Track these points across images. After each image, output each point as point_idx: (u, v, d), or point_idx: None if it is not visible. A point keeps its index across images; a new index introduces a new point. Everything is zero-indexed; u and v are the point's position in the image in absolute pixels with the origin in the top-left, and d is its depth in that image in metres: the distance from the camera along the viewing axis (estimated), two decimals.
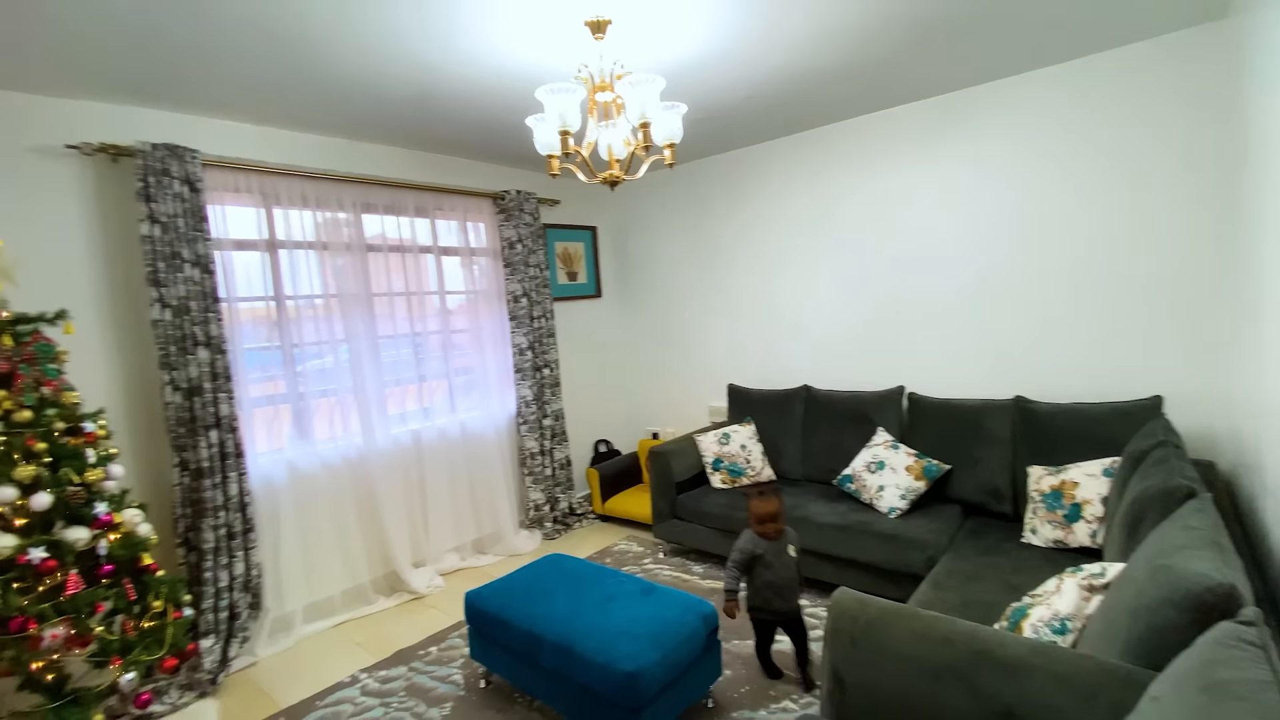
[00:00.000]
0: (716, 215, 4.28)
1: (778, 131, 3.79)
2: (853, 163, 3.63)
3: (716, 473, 3.66)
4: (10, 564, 1.83)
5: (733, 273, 4.26)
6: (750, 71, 2.78)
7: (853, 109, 3.44)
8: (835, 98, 3.22)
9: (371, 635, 3.01)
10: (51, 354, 2.06)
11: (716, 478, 3.65)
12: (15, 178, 2.39)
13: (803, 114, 3.47)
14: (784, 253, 3.99)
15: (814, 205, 3.82)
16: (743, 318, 4.24)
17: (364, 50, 2.32)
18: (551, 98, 2.03)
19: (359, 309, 3.33)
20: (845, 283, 3.75)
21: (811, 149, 3.79)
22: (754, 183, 4.07)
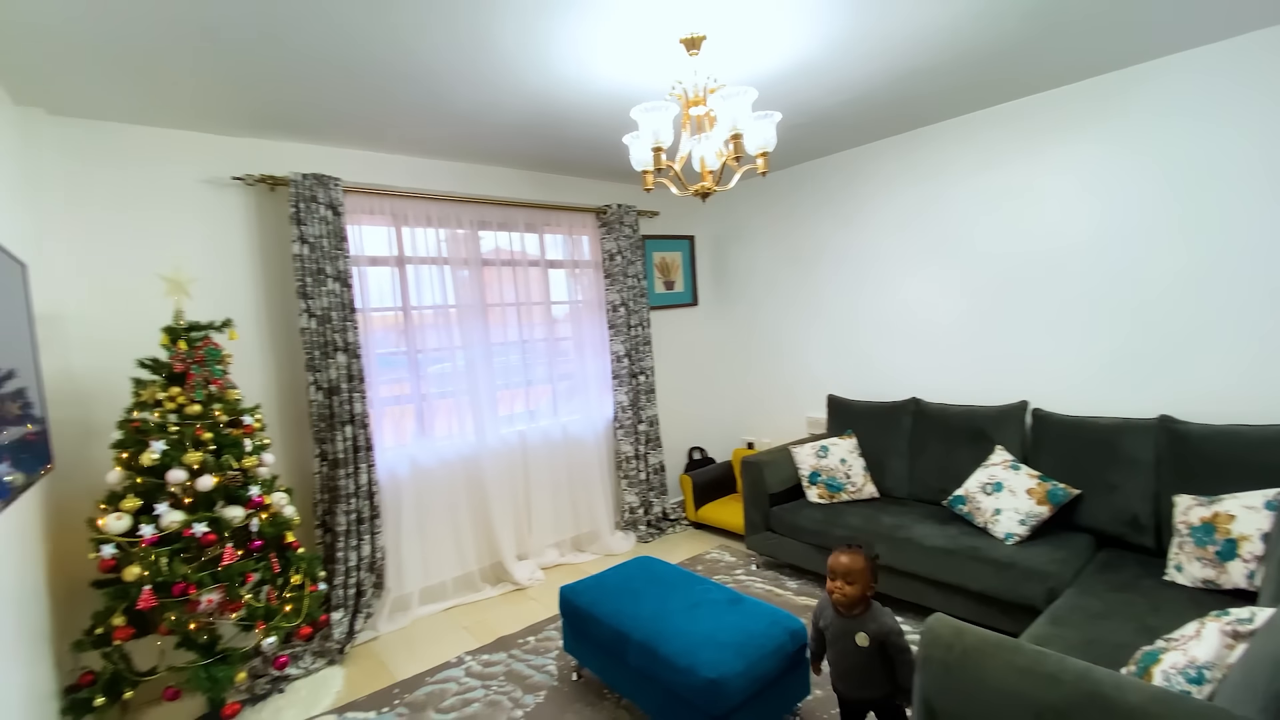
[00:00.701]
0: (816, 220, 4.18)
1: (881, 133, 3.64)
2: (966, 161, 3.41)
3: (813, 486, 3.55)
4: (177, 536, 2.16)
5: (833, 279, 4.13)
6: (850, 75, 2.71)
7: (965, 105, 3.23)
8: (944, 95, 3.05)
9: (477, 621, 3.22)
10: (218, 357, 2.42)
11: (813, 491, 3.54)
12: (192, 206, 2.84)
13: (909, 114, 3.31)
14: (889, 257, 3.81)
15: (922, 206, 3.62)
16: (844, 326, 4.10)
17: (479, 84, 2.53)
18: (645, 116, 2.11)
19: (475, 318, 3.60)
20: (959, 288, 3.52)
21: (920, 148, 3.60)
22: (856, 186, 3.93)
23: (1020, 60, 2.68)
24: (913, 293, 3.73)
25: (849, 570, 1.79)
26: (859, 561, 1.80)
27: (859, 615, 1.80)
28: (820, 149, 3.91)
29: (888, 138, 3.73)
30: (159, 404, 2.30)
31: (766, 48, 2.40)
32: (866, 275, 3.94)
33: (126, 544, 2.14)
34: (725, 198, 4.76)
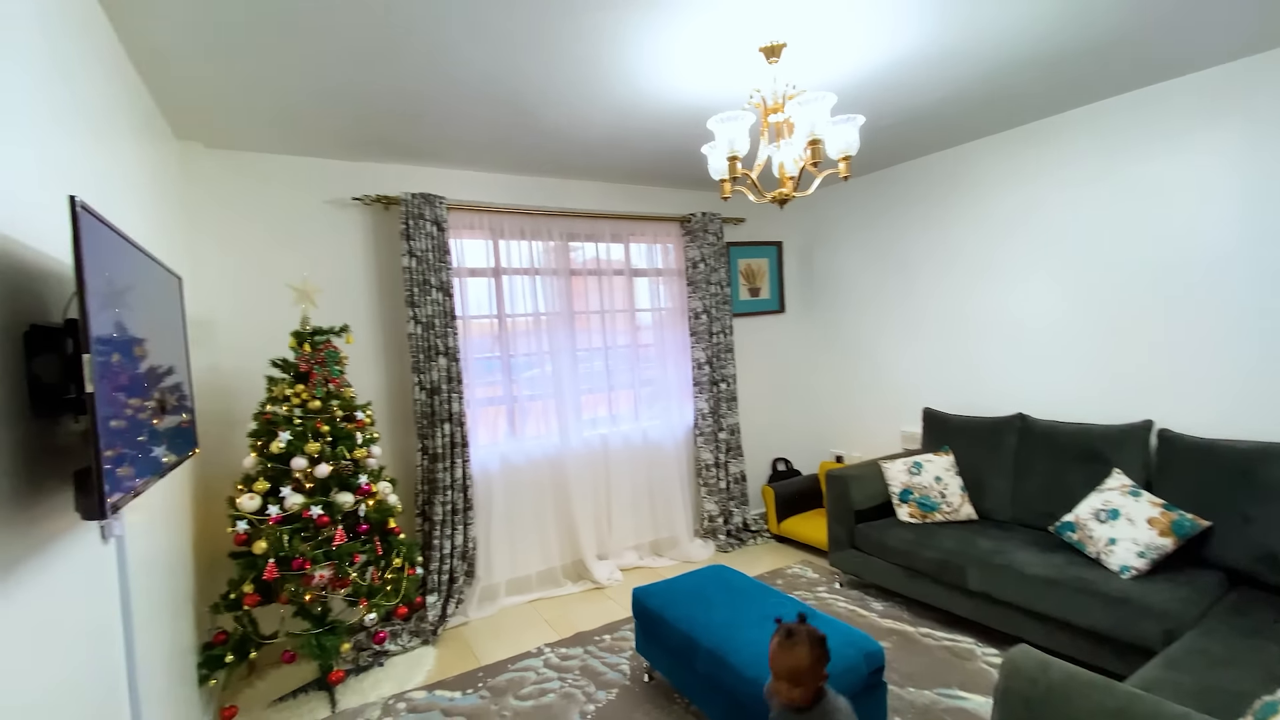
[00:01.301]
0: (911, 224, 3.99)
1: (983, 130, 3.42)
2: (1082, 157, 3.13)
3: (904, 504, 3.38)
4: (298, 517, 2.43)
5: (931, 285, 3.92)
6: (945, 73, 2.59)
7: (1085, 96, 2.98)
8: (1062, 87, 2.83)
9: (558, 615, 3.35)
10: (336, 358, 2.70)
11: (904, 510, 3.37)
12: (317, 224, 3.19)
13: (1015, 109, 3.10)
14: (994, 262, 3.57)
15: (1031, 207, 3.37)
16: (943, 335, 3.88)
17: (568, 103, 2.67)
18: (721, 126, 2.13)
19: (563, 325, 3.77)
20: (1072, 294, 3.23)
21: (1027, 145, 3.35)
22: (955, 186, 3.71)
23: (1152, 44, 2.44)
24: (1019, 300, 3.47)
25: (795, 672, 1.45)
26: (804, 657, 1.45)
27: (809, 712, 1.48)
28: (913, 150, 3.74)
29: (991, 135, 3.50)
30: (286, 399, 2.60)
31: (849, 51, 2.35)
32: (968, 281, 3.71)
33: (256, 521, 2.44)
34: (814, 203, 4.65)
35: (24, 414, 1.14)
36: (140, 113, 2.21)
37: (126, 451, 1.17)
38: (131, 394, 1.23)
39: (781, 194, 2.28)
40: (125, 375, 1.20)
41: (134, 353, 1.27)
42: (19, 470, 1.12)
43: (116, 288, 1.19)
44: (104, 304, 1.12)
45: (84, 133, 1.57)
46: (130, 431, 1.20)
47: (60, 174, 1.38)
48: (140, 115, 2.21)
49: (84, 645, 1.31)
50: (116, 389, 1.14)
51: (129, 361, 1.22)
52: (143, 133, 2.22)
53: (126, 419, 1.20)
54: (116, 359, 1.15)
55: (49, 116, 1.34)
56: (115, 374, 1.14)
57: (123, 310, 1.22)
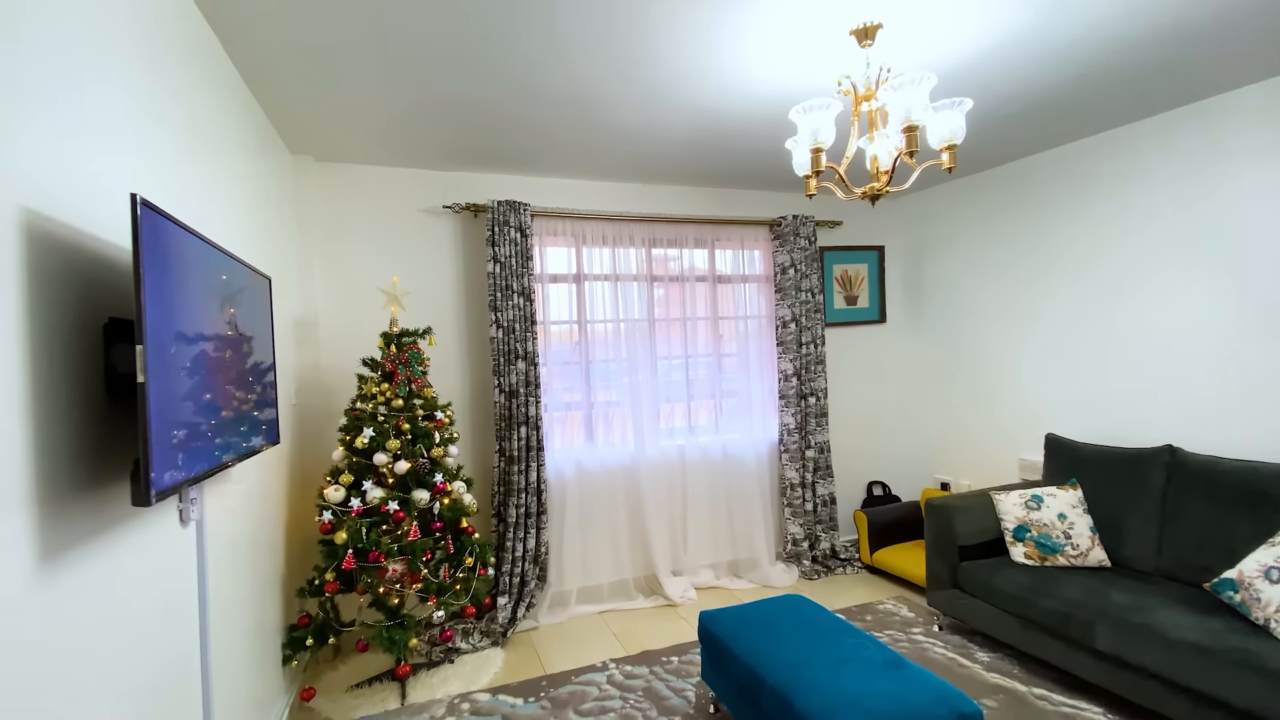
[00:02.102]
0: (1039, 224, 3.54)
1: (1129, 115, 2.96)
2: (1260, 145, 2.61)
3: (1019, 543, 2.98)
4: (376, 510, 2.52)
5: (1060, 294, 3.45)
6: (1077, 48, 2.25)
7: (1260, 68, 2.49)
8: (1230, 57, 2.38)
9: (627, 629, 3.26)
10: (419, 359, 2.79)
11: (1018, 549, 2.97)
12: (412, 231, 3.34)
13: (1171, 87, 2.65)
14: (1139, 267, 3.08)
15: (1188, 203, 2.86)
16: (1073, 351, 3.40)
17: (644, 104, 2.60)
18: (804, 117, 1.97)
19: (643, 332, 3.71)
20: (1242, 307, 2.70)
21: (1186, 129, 2.85)
22: (1093, 181, 3.25)
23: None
24: (1171, 311, 2.96)
25: None
26: None
27: None
28: (1041, 141, 3.31)
29: (1140, 120, 3.03)
30: (372, 397, 2.72)
31: (955, 30, 2.10)
32: (1107, 290, 3.23)
33: (340, 512, 2.55)
34: (923, 203, 4.28)
35: (102, 400, 1.22)
36: (254, 129, 2.40)
37: (185, 442, 1.22)
38: (196, 387, 1.28)
39: (873, 189, 2.06)
40: (188, 368, 1.24)
41: (202, 347, 1.32)
42: (99, 452, 1.20)
43: (184, 284, 1.24)
44: (168, 299, 1.16)
45: (195, 147, 1.70)
46: (190, 422, 1.24)
47: (166, 184, 1.49)
48: (254, 131, 2.39)
49: (157, 619, 1.38)
50: (177, 381, 1.19)
51: (193, 355, 1.27)
52: (255, 147, 2.40)
53: (189, 411, 1.24)
54: (177, 351, 1.19)
55: (154, 129, 1.45)
56: (175, 367, 1.18)
57: (192, 305, 1.28)
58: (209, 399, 1.36)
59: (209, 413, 1.36)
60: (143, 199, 1.07)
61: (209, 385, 1.36)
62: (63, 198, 1.11)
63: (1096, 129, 3.13)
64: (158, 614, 1.41)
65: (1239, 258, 2.71)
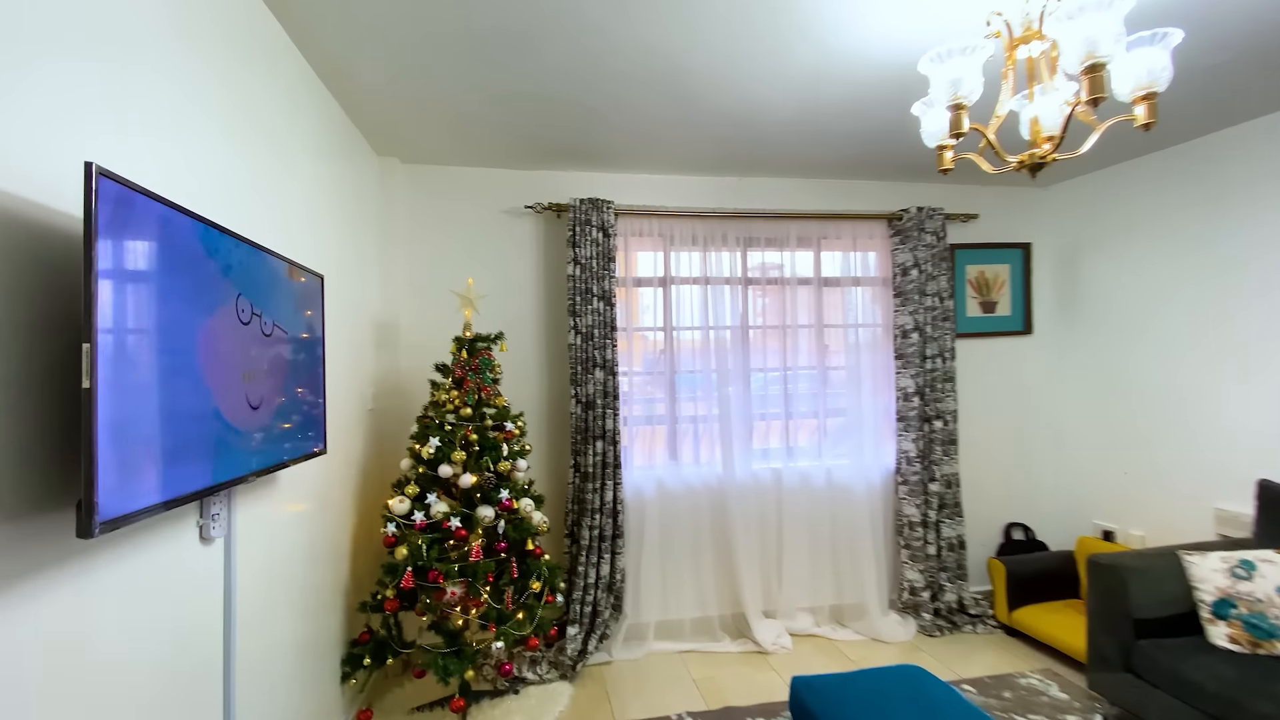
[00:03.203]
0: (1251, 215, 2.77)
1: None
2: None
3: (1221, 622, 2.28)
4: (439, 526, 2.34)
5: (1273, 303, 2.67)
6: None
7: None
8: None
9: (709, 676, 2.89)
10: (490, 366, 2.61)
11: (1219, 630, 2.27)
12: (493, 233, 3.20)
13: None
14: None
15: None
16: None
17: (735, 80, 2.27)
18: (939, 66, 1.54)
19: (736, 341, 3.34)
20: None
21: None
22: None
23: None
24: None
25: None
26: None
27: None
28: (1258, 104, 2.57)
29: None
30: (442, 405, 2.57)
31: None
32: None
33: (404, 525, 2.41)
34: (1086, 190, 3.55)
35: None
36: (331, 129, 2.33)
37: (169, 455, 1.04)
38: (184, 391, 1.10)
39: (1034, 156, 1.58)
40: (172, 369, 1.07)
41: (199, 345, 1.15)
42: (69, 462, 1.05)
43: (170, 272, 1.07)
44: (140, 287, 0.99)
45: (252, 145, 1.60)
46: (175, 433, 1.07)
47: (205, 179, 1.37)
48: (331, 131, 2.33)
49: (161, 645, 1.23)
50: (149, 384, 1.01)
51: (181, 355, 1.10)
52: (331, 147, 2.34)
53: (176, 418, 1.07)
54: (152, 349, 1.01)
55: (201, 123, 1.34)
56: (147, 366, 1.00)
57: (182, 297, 1.11)
58: (216, 403, 1.20)
59: (208, 421, 1.18)
60: (100, 168, 0.89)
61: (211, 388, 1.19)
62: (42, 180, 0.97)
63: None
64: (163, 640, 1.26)
65: None
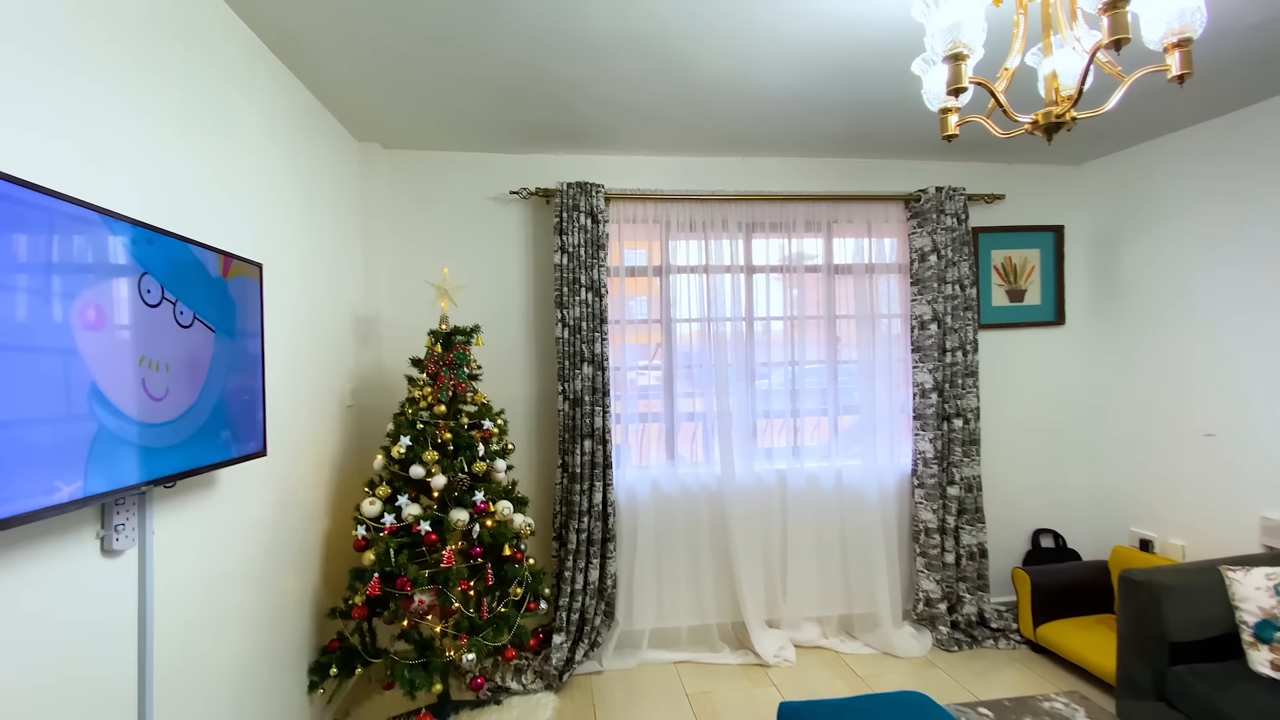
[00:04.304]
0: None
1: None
2: None
3: (1264, 646, 2.03)
4: (408, 530, 2.21)
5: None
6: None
7: None
8: None
9: (704, 690, 2.72)
10: (465, 360, 2.47)
11: (1262, 655, 2.02)
12: (479, 220, 3.06)
13: None
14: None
15: None
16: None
17: (731, 42, 2.06)
18: (935, 10, 1.32)
19: (738, 334, 3.14)
20: None
21: None
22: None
23: None
24: None
25: None
26: None
27: None
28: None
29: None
30: (416, 402, 2.44)
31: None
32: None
33: (374, 528, 2.29)
34: (1121, 166, 3.23)
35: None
36: (296, 113, 2.21)
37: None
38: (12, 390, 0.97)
39: (1051, 114, 1.35)
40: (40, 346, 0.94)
41: (35, 343, 1.02)
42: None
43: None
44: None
45: (201, 137, 1.47)
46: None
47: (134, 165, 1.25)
48: (295, 115, 2.21)
49: (61, 668, 1.11)
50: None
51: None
52: (298, 135, 2.22)
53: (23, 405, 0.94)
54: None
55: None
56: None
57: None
58: (101, 388, 1.07)
59: (86, 409, 1.05)
60: None
61: (92, 370, 1.06)
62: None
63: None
64: (49, 668, 1.15)
65: None
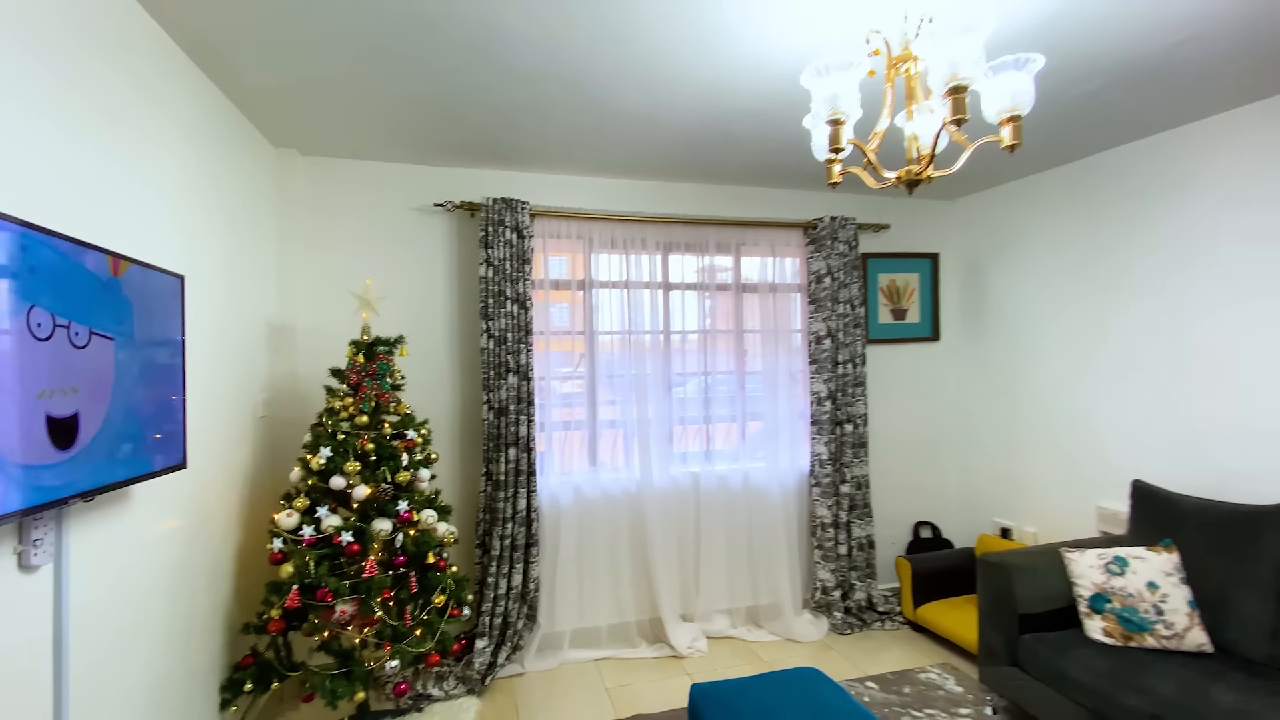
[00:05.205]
0: (1125, 234, 2.96)
1: (1243, 96, 2.39)
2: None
3: (1096, 615, 2.42)
4: (328, 541, 2.22)
5: (1153, 316, 2.86)
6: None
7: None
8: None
9: (622, 684, 2.87)
10: (388, 371, 2.50)
11: (1095, 623, 2.41)
12: (402, 231, 3.08)
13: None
14: (1257, 286, 2.48)
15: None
16: (1170, 383, 2.80)
17: (645, 84, 2.25)
18: (819, 80, 1.56)
19: (657, 346, 3.33)
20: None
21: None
22: (1205, 180, 2.66)
23: None
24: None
25: None
26: None
27: None
28: (1138, 127, 2.75)
29: (1256, 102, 2.44)
30: (336, 412, 2.44)
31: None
32: (1216, 310, 2.63)
33: (291, 541, 2.28)
34: (985, 203, 3.73)
35: None
36: (213, 121, 2.18)
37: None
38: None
39: (910, 173, 1.63)
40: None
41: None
42: None
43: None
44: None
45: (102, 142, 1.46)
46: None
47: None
48: (214, 124, 2.17)
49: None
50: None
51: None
52: (211, 141, 2.18)
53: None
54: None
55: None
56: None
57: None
58: None
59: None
60: None
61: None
62: None
63: (1213, 110, 2.55)
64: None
65: None
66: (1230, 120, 2.56)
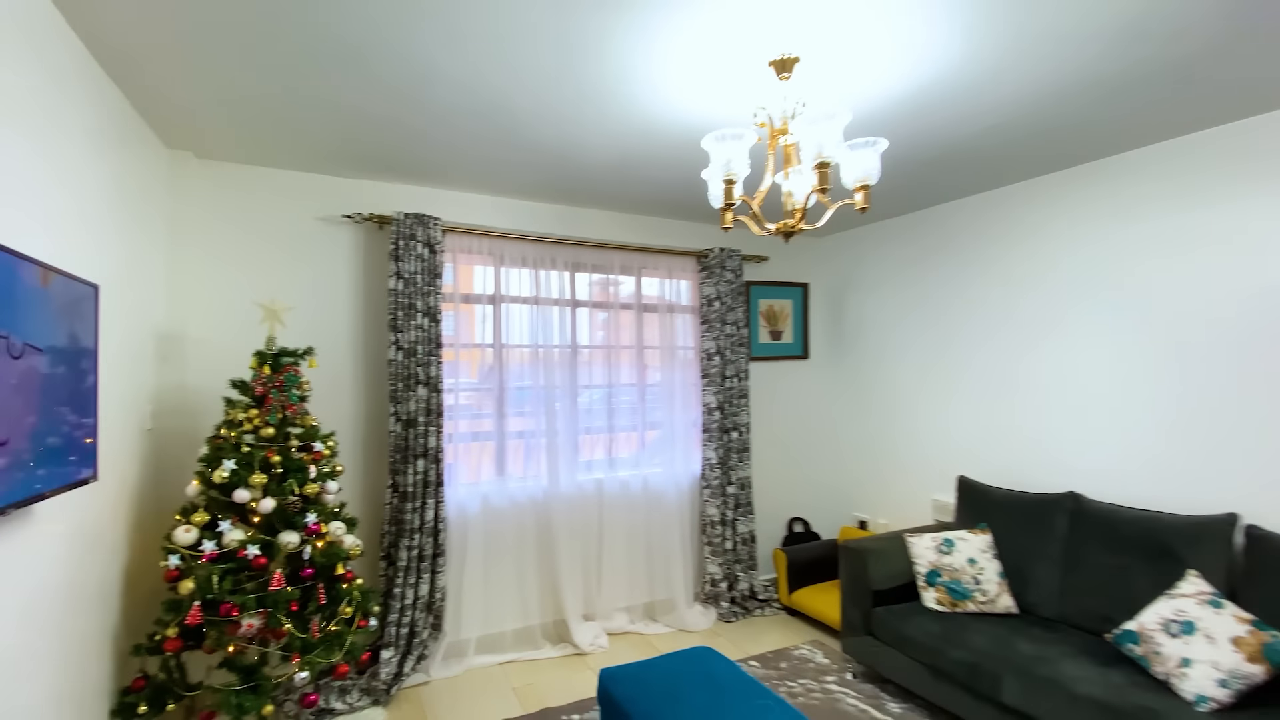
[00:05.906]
0: (956, 272, 3.61)
1: (1038, 168, 3.06)
2: (1153, 202, 2.73)
3: (931, 588, 2.93)
4: (231, 555, 2.20)
5: (974, 340, 3.50)
6: (989, 98, 2.26)
7: (1157, 130, 2.60)
8: (1127, 117, 2.46)
9: (528, 683, 3.00)
10: (296, 383, 2.50)
11: (930, 595, 2.92)
12: (306, 241, 3.04)
13: (1073, 144, 2.73)
14: (1047, 319, 3.15)
15: (1095, 259, 2.96)
16: (985, 396, 3.44)
17: (561, 121, 2.45)
18: (717, 146, 1.87)
19: (564, 359, 3.52)
20: (1140, 360, 2.79)
21: (1089, 187, 2.96)
22: (1005, 232, 3.33)
23: (1256, 61, 2.07)
24: (1077, 362, 3.03)
25: None
26: None
27: None
28: (958, 189, 3.38)
29: (1047, 174, 3.13)
30: (239, 424, 2.40)
31: (872, 70, 2.06)
32: (1018, 338, 3.29)
33: (190, 557, 2.21)
34: (847, 243, 4.32)
35: None
36: (109, 119, 2.09)
37: None
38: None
39: (786, 226, 1.98)
40: None
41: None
42: None
43: None
44: None
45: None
46: None
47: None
48: (110, 122, 2.09)
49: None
50: None
51: None
52: (108, 139, 2.10)
53: None
54: None
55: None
56: None
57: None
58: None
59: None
60: None
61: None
62: None
63: (1010, 180, 3.22)
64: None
65: (1134, 314, 2.80)
66: (1030, 186, 3.23)
